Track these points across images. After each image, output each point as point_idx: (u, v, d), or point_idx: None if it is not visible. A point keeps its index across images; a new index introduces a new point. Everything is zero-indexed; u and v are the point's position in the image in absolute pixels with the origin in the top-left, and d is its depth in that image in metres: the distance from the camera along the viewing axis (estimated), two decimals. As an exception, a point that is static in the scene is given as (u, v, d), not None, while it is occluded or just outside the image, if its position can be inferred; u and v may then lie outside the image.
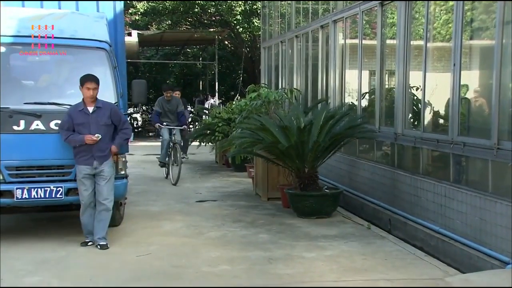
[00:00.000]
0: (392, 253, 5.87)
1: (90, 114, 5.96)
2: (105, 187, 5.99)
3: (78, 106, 6.00)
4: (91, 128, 5.94)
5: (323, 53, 10.34)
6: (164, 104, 10.98)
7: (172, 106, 10.94)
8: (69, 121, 5.94)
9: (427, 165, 6.82)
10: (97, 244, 5.96)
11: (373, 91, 8.48)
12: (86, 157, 5.94)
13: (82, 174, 5.95)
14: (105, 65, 6.39)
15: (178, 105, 11.08)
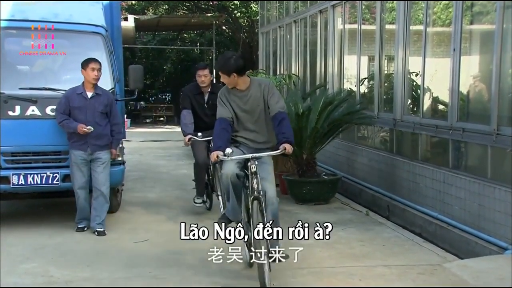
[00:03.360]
0: (390, 239, 5.86)
1: (88, 99, 5.89)
2: (102, 173, 5.95)
3: (77, 89, 5.92)
4: (87, 114, 5.87)
5: (322, 38, 10.26)
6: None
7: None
8: (66, 103, 5.87)
9: (426, 151, 6.79)
10: (94, 230, 5.94)
11: (372, 76, 8.42)
12: (80, 142, 5.88)
13: (78, 159, 5.90)
14: (101, 50, 6.32)
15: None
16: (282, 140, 4.42)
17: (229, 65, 4.53)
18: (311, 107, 7.52)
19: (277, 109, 4.58)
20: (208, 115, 6.36)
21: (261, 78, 4.92)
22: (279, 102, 4.64)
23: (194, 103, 6.47)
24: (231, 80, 4.57)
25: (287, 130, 4.52)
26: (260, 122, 4.71)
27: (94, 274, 4.78)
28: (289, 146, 4.41)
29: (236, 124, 4.72)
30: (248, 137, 4.74)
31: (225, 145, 4.45)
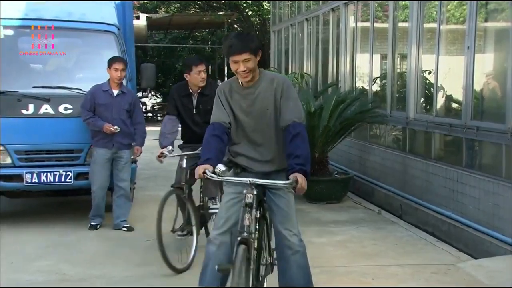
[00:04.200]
0: (403, 239, 5.82)
1: (114, 97, 5.90)
2: (124, 171, 6.02)
3: (103, 86, 5.93)
4: (113, 111, 5.89)
5: (334, 36, 10.21)
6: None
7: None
8: (91, 100, 5.87)
9: (439, 150, 6.73)
10: (122, 226, 6.00)
11: (385, 75, 8.37)
12: (105, 140, 5.89)
13: (101, 158, 5.91)
14: (114, 48, 6.33)
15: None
16: (294, 168, 3.17)
17: (250, 40, 3.32)
18: (323, 105, 7.49)
19: (290, 118, 3.31)
20: (198, 124, 4.98)
21: (275, 73, 3.75)
22: (295, 108, 3.38)
23: (180, 107, 5.05)
24: (248, 64, 3.28)
25: (302, 152, 3.22)
26: (269, 132, 3.44)
27: (107, 272, 4.79)
28: (303, 178, 3.12)
29: (235, 132, 3.47)
30: (250, 155, 3.46)
31: (217, 158, 3.25)
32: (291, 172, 3.18)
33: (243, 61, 3.28)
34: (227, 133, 3.44)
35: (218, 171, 3.18)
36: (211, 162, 3.22)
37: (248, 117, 3.44)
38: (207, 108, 4.52)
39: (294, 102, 3.41)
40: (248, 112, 3.44)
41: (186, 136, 5.19)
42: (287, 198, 3.43)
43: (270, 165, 3.47)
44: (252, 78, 3.37)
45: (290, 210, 3.44)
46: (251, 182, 3.19)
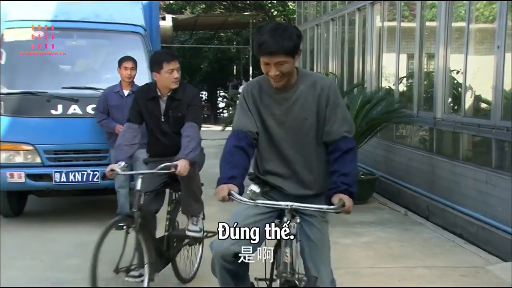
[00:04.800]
0: (430, 240, 5.75)
1: (125, 97, 5.93)
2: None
3: (114, 87, 5.99)
4: (124, 112, 5.89)
5: (360, 36, 10.14)
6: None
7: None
8: (104, 101, 5.93)
9: (468, 151, 6.63)
10: None
11: (411, 75, 8.28)
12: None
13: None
14: (140, 49, 6.39)
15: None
16: (338, 187, 2.62)
17: (287, 37, 2.62)
18: (348, 106, 7.42)
19: (340, 131, 2.75)
20: (166, 133, 4.17)
21: (317, 74, 3.31)
22: (345, 119, 2.80)
23: (145, 113, 4.16)
24: (283, 68, 2.65)
25: (351, 171, 2.70)
26: (307, 148, 2.82)
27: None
28: (350, 201, 2.58)
29: (265, 145, 2.85)
30: (283, 173, 2.85)
31: (241, 176, 2.65)
32: (334, 192, 2.60)
33: (275, 64, 2.63)
34: (253, 145, 2.80)
35: (250, 193, 2.48)
36: (237, 181, 2.58)
37: (282, 127, 2.79)
38: (177, 116, 3.98)
39: (343, 111, 2.80)
40: (282, 121, 2.78)
41: (153, 149, 4.30)
42: (320, 229, 2.85)
43: (308, 188, 2.84)
44: (287, 82, 2.74)
45: (322, 244, 2.85)
46: (292, 207, 2.57)
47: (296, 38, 2.65)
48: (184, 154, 3.87)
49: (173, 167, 3.82)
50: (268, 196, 2.86)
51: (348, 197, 2.59)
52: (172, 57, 4.08)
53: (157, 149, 4.26)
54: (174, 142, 4.01)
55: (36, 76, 6.20)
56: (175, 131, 4.06)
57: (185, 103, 4.00)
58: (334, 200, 2.59)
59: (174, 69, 4.03)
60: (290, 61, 2.65)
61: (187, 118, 4.03)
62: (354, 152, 2.75)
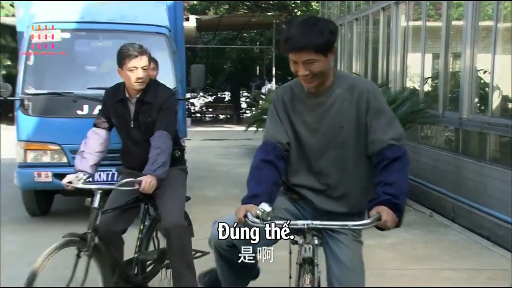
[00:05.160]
0: (457, 242, 5.67)
1: None
2: None
3: None
4: None
5: (384, 36, 10.07)
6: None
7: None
8: None
9: (495, 152, 6.52)
10: None
11: (437, 74, 8.18)
12: None
13: None
14: (165, 50, 6.43)
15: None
16: (379, 198, 2.26)
17: (318, 32, 2.30)
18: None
19: (385, 139, 2.39)
20: (136, 142, 3.62)
21: (355, 77, 3.01)
22: (392, 126, 2.44)
23: (114, 117, 3.65)
24: (313, 67, 2.35)
25: (397, 180, 2.31)
26: (343, 159, 2.50)
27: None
28: (389, 214, 2.20)
29: (296, 156, 2.55)
30: (314, 186, 2.56)
31: (268, 194, 2.37)
32: (374, 204, 2.25)
33: (304, 62, 2.33)
34: (284, 157, 2.49)
35: (261, 213, 2.19)
36: (258, 200, 2.27)
37: (315, 136, 2.48)
38: (148, 121, 3.51)
39: (388, 117, 2.44)
40: (315, 129, 2.47)
41: (125, 159, 3.81)
42: (351, 249, 2.51)
43: (341, 204, 2.51)
44: (321, 84, 2.42)
45: (354, 267, 2.51)
46: (310, 226, 2.25)
47: (329, 33, 2.31)
48: (151, 170, 3.34)
49: (137, 183, 3.31)
50: (295, 204, 2.61)
51: (388, 209, 2.20)
52: (138, 52, 3.46)
53: (128, 159, 3.73)
54: (145, 153, 3.47)
55: (63, 77, 6.28)
56: (147, 139, 3.51)
57: (156, 106, 3.50)
58: (371, 213, 2.23)
59: (138, 68, 3.45)
60: (321, 60, 2.33)
61: (158, 125, 3.49)
62: (403, 161, 2.36)
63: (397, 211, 2.23)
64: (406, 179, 2.37)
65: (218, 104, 25.99)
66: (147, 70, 3.51)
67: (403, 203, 2.27)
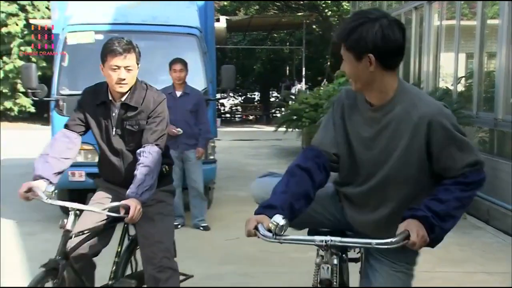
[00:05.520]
0: (491, 245, 5.56)
1: (177, 98, 6.00)
2: (194, 172, 6.08)
3: (167, 89, 6.03)
4: (177, 113, 5.88)
5: (416, 35, 9.94)
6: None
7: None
8: None
9: (531, 153, 6.37)
10: (200, 226, 6.12)
11: (471, 74, 8.04)
12: (170, 142, 5.84)
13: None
14: (195, 50, 6.48)
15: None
16: (415, 213, 2.00)
17: (354, 29, 2.00)
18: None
19: (458, 169, 2.07)
20: (119, 153, 3.12)
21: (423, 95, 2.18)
22: (465, 154, 2.08)
23: (92, 121, 3.12)
24: (348, 68, 2.07)
25: (449, 199, 2.03)
26: (393, 185, 2.15)
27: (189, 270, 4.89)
28: (419, 228, 1.95)
29: (346, 172, 2.27)
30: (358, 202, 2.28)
31: (289, 207, 2.07)
32: (407, 217, 2.00)
33: (342, 57, 2.07)
34: (326, 168, 2.20)
35: (273, 226, 1.93)
36: (273, 212, 1.99)
37: (369, 153, 2.16)
38: (133, 130, 3.04)
39: (460, 145, 2.06)
40: (370, 147, 2.16)
41: (104, 170, 3.25)
42: (390, 281, 2.20)
43: (387, 231, 2.06)
44: (380, 95, 2.08)
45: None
46: (329, 243, 1.97)
47: (373, 34, 1.95)
48: (136, 194, 2.83)
49: (122, 208, 2.81)
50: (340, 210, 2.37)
51: (421, 224, 1.94)
52: (122, 49, 2.93)
53: (107, 171, 3.18)
54: (130, 165, 3.02)
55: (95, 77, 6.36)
56: (131, 150, 3.06)
57: (145, 113, 3.02)
58: (400, 228, 1.96)
59: (120, 67, 2.94)
60: (352, 63, 2.03)
61: (147, 138, 2.99)
62: (472, 186, 2.07)
63: (430, 231, 1.97)
64: (463, 203, 2.07)
65: (247, 104, 26.06)
66: (133, 71, 2.99)
67: (441, 226, 2.00)
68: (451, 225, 2.05)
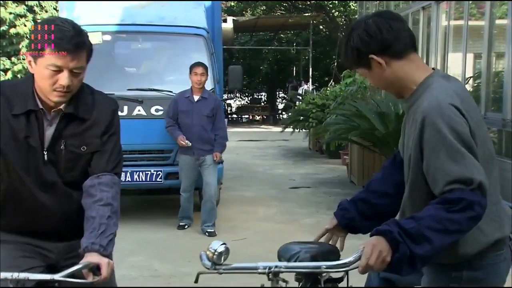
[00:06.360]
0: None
1: (194, 103, 5.96)
2: (208, 173, 6.00)
3: (185, 92, 6.03)
4: (193, 117, 5.93)
5: (424, 36, 9.90)
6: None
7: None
8: (175, 107, 5.98)
9: (540, 154, 6.33)
10: (206, 231, 6.01)
11: (479, 75, 7.99)
12: (186, 147, 5.93)
13: (184, 163, 6.02)
14: (203, 51, 6.49)
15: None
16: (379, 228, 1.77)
17: (355, 37, 1.93)
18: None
19: (440, 186, 1.77)
20: (51, 185, 2.13)
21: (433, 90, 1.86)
22: (451, 166, 1.75)
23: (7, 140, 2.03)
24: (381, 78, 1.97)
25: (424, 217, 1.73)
26: (416, 188, 1.90)
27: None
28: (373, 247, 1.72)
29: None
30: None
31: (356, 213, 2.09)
32: (371, 233, 1.79)
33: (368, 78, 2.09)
34: (398, 170, 2.08)
35: (212, 253, 1.83)
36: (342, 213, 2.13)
37: (402, 151, 2.06)
38: (77, 152, 2.11)
39: (453, 153, 1.75)
40: (402, 145, 2.06)
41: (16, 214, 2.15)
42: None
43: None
44: (407, 90, 1.98)
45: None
46: (272, 270, 1.83)
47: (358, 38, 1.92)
48: (101, 246, 1.99)
49: (88, 271, 1.93)
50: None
51: (383, 240, 1.69)
52: (73, 45, 1.97)
53: (22, 216, 2.14)
54: (66, 206, 2.14)
55: (104, 78, 6.40)
56: (69, 181, 2.13)
57: (97, 127, 2.13)
58: (359, 248, 1.74)
59: (64, 69, 1.98)
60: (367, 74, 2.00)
61: (99, 164, 2.13)
62: (461, 206, 1.69)
63: (395, 251, 1.68)
64: (442, 228, 1.69)
65: (254, 105, 26.06)
66: (81, 74, 2.04)
67: (413, 249, 1.67)
68: (429, 252, 1.68)
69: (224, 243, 1.80)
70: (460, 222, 1.69)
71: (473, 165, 1.75)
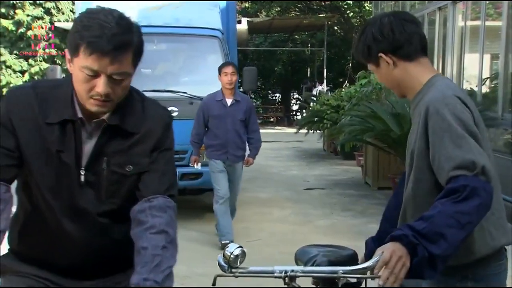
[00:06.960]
0: None
1: (228, 107, 5.54)
2: (233, 183, 5.74)
3: (216, 95, 5.54)
4: (228, 123, 5.54)
5: (440, 36, 9.83)
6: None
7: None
8: (205, 113, 5.53)
9: (558, 156, 6.25)
10: (221, 240, 5.58)
11: (496, 75, 7.92)
12: (219, 152, 5.58)
13: (215, 168, 5.58)
14: (218, 52, 6.50)
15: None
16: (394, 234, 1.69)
17: (368, 34, 1.95)
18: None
19: (445, 171, 1.72)
20: (80, 213, 1.73)
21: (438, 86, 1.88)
22: (457, 149, 1.72)
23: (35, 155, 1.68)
24: (387, 76, 1.98)
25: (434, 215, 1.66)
26: (419, 185, 1.88)
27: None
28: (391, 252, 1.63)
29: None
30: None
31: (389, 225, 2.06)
32: (387, 240, 1.69)
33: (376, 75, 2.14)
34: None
35: (229, 256, 1.81)
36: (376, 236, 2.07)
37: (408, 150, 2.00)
38: (122, 173, 1.75)
39: (457, 139, 1.74)
40: (408, 144, 2.00)
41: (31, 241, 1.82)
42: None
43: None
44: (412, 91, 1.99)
45: None
46: (289, 274, 1.82)
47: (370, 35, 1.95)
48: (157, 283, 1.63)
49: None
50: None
51: (400, 246, 1.63)
52: (113, 45, 1.59)
53: (43, 246, 1.79)
54: (96, 239, 1.77)
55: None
56: (108, 210, 1.76)
57: (147, 143, 1.77)
58: (376, 254, 1.67)
59: (102, 74, 1.61)
60: (375, 71, 2.03)
61: (151, 186, 1.75)
62: (467, 193, 1.64)
63: (414, 255, 1.63)
64: (455, 222, 1.64)
65: (268, 106, 26.07)
66: (125, 81, 1.68)
67: (431, 250, 1.62)
68: (446, 249, 1.63)
69: (241, 246, 1.78)
70: (470, 212, 1.65)
71: (477, 150, 1.74)
